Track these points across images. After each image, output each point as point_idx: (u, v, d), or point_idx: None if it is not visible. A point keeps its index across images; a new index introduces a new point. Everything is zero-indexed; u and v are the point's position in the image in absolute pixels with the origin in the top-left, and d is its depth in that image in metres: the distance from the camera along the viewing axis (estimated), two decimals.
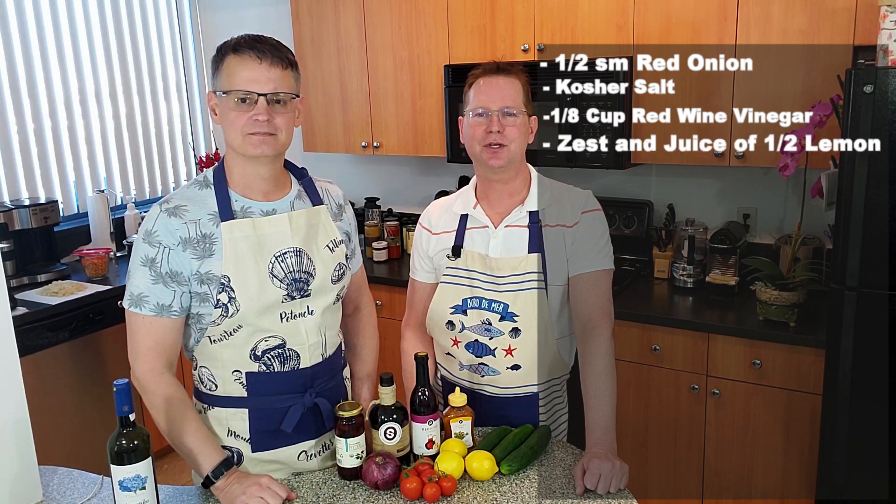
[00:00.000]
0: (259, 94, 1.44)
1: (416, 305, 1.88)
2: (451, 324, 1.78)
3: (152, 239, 1.48)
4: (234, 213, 1.51)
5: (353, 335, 1.81)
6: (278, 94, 1.46)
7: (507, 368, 1.75)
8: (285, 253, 1.53)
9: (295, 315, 1.55)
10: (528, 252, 1.70)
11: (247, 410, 1.56)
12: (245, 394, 1.56)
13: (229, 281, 1.48)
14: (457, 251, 1.75)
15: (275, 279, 1.51)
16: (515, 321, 1.71)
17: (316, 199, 1.63)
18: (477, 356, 1.76)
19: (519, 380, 1.75)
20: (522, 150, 1.70)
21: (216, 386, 1.57)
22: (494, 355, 1.75)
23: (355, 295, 1.80)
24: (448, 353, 1.83)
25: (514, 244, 1.72)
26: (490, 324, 1.73)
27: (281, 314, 1.53)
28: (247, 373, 1.54)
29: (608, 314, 1.71)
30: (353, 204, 3.77)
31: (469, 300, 1.74)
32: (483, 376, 1.78)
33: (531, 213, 1.72)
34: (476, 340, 1.75)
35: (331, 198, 1.68)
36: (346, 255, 1.68)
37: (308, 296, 1.56)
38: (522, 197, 1.74)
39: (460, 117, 1.74)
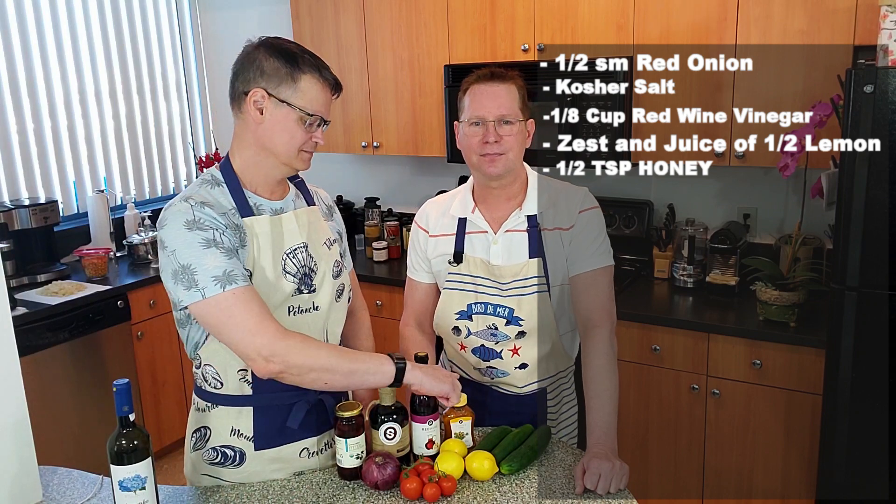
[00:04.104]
0: (324, 121, 1.51)
1: (413, 305, 1.88)
2: (456, 329, 1.78)
3: (202, 224, 1.43)
4: (251, 210, 1.52)
5: (350, 338, 1.81)
6: (328, 121, 1.54)
7: (516, 368, 1.76)
8: (296, 249, 1.55)
9: (301, 310, 1.56)
10: (529, 257, 1.70)
11: (251, 408, 1.56)
12: (250, 392, 1.56)
13: (250, 276, 1.49)
14: (458, 257, 1.75)
15: (287, 275, 1.53)
16: (521, 325, 1.71)
17: (310, 200, 1.66)
18: (484, 360, 1.77)
19: (527, 377, 1.77)
20: (520, 157, 1.70)
21: (221, 384, 1.57)
22: (501, 357, 1.75)
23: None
24: (459, 354, 1.84)
25: (514, 250, 1.71)
26: (496, 328, 1.73)
27: (289, 307, 1.54)
28: (253, 371, 1.54)
29: (607, 312, 1.70)
30: (353, 204, 3.81)
31: (474, 305, 1.75)
32: (493, 378, 1.79)
33: (529, 217, 1.72)
34: (482, 345, 1.76)
35: (321, 199, 1.72)
36: (340, 253, 1.69)
37: (313, 291, 1.57)
38: (520, 200, 1.73)
39: (456, 122, 1.74)
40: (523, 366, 1.75)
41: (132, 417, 1.34)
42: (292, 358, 1.40)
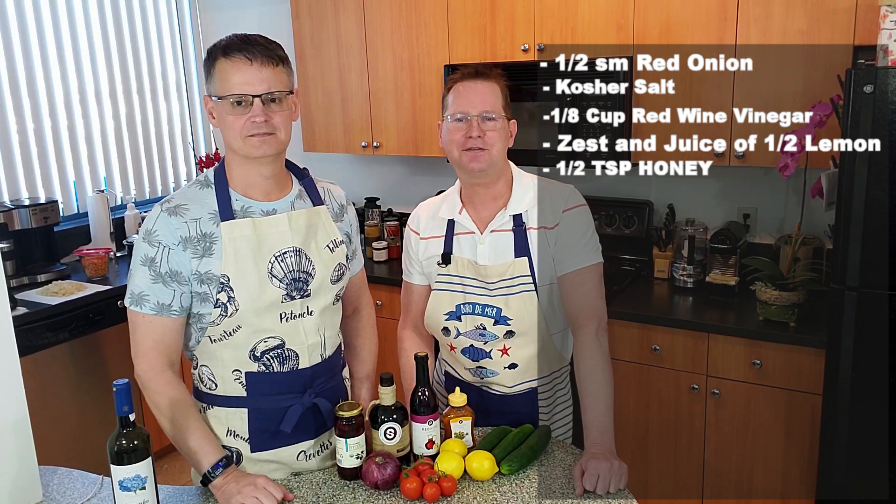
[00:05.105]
0: (254, 96, 1.44)
1: (411, 308, 1.88)
2: (446, 330, 1.78)
3: (152, 238, 1.48)
4: (234, 213, 1.51)
5: (353, 336, 1.81)
6: (273, 93, 1.46)
7: (505, 368, 1.75)
8: (285, 253, 1.54)
9: (294, 315, 1.55)
10: (515, 257, 1.70)
11: (246, 410, 1.57)
12: (244, 393, 1.56)
13: (229, 280, 1.48)
14: (447, 258, 1.75)
15: (274, 279, 1.52)
16: (509, 324, 1.71)
17: (317, 200, 1.63)
18: (474, 360, 1.77)
19: (518, 377, 1.76)
20: (503, 154, 1.70)
21: (216, 385, 1.57)
22: (491, 357, 1.75)
23: (355, 296, 1.80)
24: (450, 355, 1.84)
25: (500, 249, 1.71)
26: (485, 328, 1.73)
27: (280, 314, 1.53)
28: (246, 373, 1.54)
29: (594, 311, 1.69)
30: (353, 204, 3.80)
31: (462, 306, 1.74)
32: (483, 378, 1.79)
33: (515, 217, 1.71)
34: (472, 345, 1.76)
35: (333, 198, 1.68)
36: (347, 255, 1.68)
37: (308, 296, 1.56)
38: (505, 200, 1.72)
39: (438, 122, 1.74)
40: (513, 366, 1.75)
41: (132, 417, 1.35)
42: (149, 399, 1.54)
